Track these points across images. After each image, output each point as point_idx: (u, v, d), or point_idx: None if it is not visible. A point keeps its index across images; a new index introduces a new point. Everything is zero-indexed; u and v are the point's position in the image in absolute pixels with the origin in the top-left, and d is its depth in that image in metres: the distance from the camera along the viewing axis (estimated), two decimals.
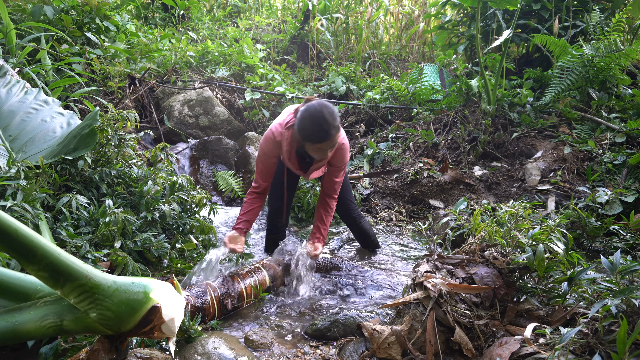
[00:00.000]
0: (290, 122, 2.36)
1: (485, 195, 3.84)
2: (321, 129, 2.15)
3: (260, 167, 2.52)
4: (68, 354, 1.52)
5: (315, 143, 2.20)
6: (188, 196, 2.69)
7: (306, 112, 2.19)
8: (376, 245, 3.15)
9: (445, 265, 1.84)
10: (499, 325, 1.65)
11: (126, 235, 2.27)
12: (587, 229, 2.85)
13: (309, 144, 2.23)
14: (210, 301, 2.04)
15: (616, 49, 4.00)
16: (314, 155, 2.34)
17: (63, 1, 4.39)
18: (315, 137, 2.18)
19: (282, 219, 2.85)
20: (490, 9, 5.21)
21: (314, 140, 2.19)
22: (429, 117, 5.04)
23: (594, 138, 3.95)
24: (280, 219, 2.85)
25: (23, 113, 2.66)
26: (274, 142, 2.40)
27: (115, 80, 4.45)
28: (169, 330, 1.34)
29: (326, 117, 2.14)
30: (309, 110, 2.18)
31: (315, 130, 2.16)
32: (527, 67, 5.04)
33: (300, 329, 2.05)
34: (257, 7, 9.14)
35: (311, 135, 2.18)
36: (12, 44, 3.64)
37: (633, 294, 1.35)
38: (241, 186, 4.46)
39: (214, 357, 1.61)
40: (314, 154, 2.32)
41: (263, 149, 2.45)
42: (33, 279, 1.43)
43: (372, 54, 7.43)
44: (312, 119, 2.16)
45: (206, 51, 6.33)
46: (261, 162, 2.50)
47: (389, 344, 1.64)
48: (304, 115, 2.19)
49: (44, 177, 2.17)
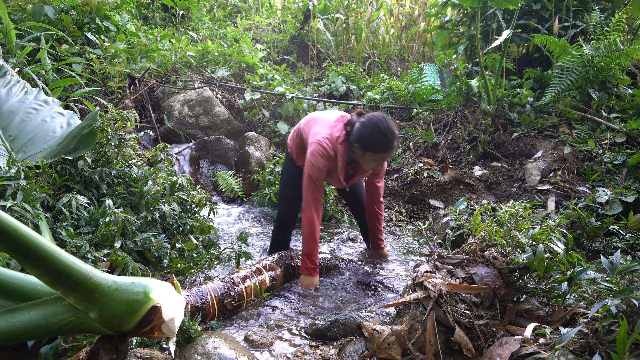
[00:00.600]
0: (341, 136, 2.38)
1: (485, 195, 3.84)
2: (387, 140, 2.23)
3: (315, 186, 2.42)
4: (68, 354, 1.52)
5: (380, 153, 2.28)
6: (188, 196, 2.69)
7: (373, 123, 2.25)
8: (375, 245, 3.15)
9: (445, 265, 1.84)
10: (499, 325, 1.65)
11: (126, 235, 2.27)
12: (587, 229, 2.85)
13: (372, 154, 2.29)
14: (210, 301, 2.04)
15: (616, 49, 4.00)
16: (369, 166, 2.38)
17: (63, 1, 4.39)
18: (381, 148, 2.25)
19: (295, 222, 2.86)
20: (491, 9, 5.20)
21: (379, 150, 2.26)
22: (429, 117, 5.04)
23: (594, 138, 3.95)
24: (293, 222, 2.84)
25: (23, 113, 2.66)
26: (328, 158, 2.38)
27: (115, 80, 4.45)
28: (169, 330, 1.34)
29: (392, 129, 2.25)
30: (375, 122, 2.25)
31: (382, 141, 2.23)
32: (527, 67, 5.04)
33: (300, 329, 2.05)
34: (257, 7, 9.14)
35: (378, 146, 2.25)
36: (12, 43, 3.64)
37: (633, 294, 1.35)
38: (241, 186, 4.46)
39: (214, 357, 1.61)
40: (371, 164, 2.36)
41: (318, 166, 2.37)
42: (33, 279, 1.43)
43: (372, 54, 7.43)
44: (381, 130, 2.23)
45: (206, 51, 6.33)
46: (316, 179, 2.40)
47: (389, 344, 1.64)
48: (370, 127, 2.25)
49: (44, 177, 2.17)
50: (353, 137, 2.34)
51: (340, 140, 2.38)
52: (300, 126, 2.69)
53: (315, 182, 2.41)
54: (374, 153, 2.29)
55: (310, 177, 2.40)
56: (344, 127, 2.42)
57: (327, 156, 2.38)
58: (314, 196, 2.43)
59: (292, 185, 2.74)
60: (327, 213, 3.93)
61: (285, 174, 2.83)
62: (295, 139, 2.74)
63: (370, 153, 2.29)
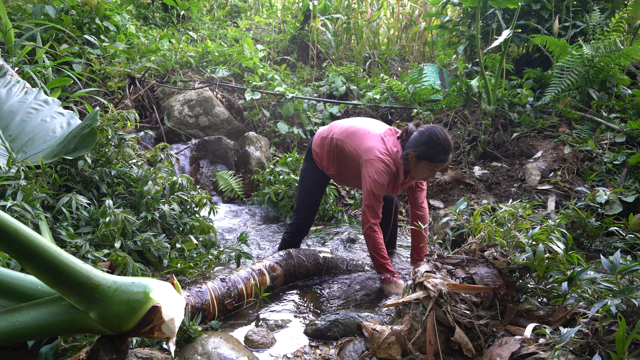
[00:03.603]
0: (399, 150, 2.42)
1: (485, 195, 3.84)
2: (445, 151, 2.30)
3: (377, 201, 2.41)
4: (68, 354, 1.52)
5: (436, 163, 2.32)
6: (188, 196, 2.70)
7: (432, 133, 2.31)
8: (393, 245, 3.15)
9: (445, 265, 1.84)
10: (499, 325, 1.65)
11: (126, 235, 2.27)
12: (587, 229, 2.85)
13: (428, 163, 2.32)
14: (210, 301, 2.04)
15: (616, 49, 4.00)
16: (421, 175, 2.41)
17: (63, 1, 4.39)
18: (438, 158, 2.31)
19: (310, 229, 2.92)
20: (491, 9, 5.20)
21: (435, 160, 2.31)
22: (429, 117, 5.04)
23: (594, 138, 3.95)
24: (309, 228, 2.88)
25: (23, 113, 2.66)
26: (389, 173, 2.41)
27: (115, 80, 4.45)
28: (169, 330, 1.34)
29: (450, 141, 2.31)
30: (435, 132, 2.32)
31: (439, 151, 2.29)
32: (527, 67, 5.04)
33: (300, 329, 2.05)
34: (257, 7, 9.14)
35: (435, 156, 2.30)
36: (11, 43, 3.63)
37: (633, 294, 1.35)
38: (241, 186, 4.46)
39: (214, 357, 1.61)
40: (424, 174, 2.39)
41: (381, 183, 2.38)
42: (33, 279, 1.43)
43: (372, 54, 7.43)
44: (439, 139, 2.29)
45: (206, 51, 6.33)
46: (378, 195, 2.40)
47: (389, 344, 1.64)
48: (429, 136, 2.31)
49: (44, 177, 2.17)
50: (409, 144, 2.36)
51: (399, 154, 2.42)
52: (334, 135, 2.61)
53: (378, 198, 2.41)
54: (429, 162, 2.32)
55: (374, 193, 2.40)
56: (397, 139, 2.46)
57: (390, 172, 2.40)
58: (376, 213, 2.44)
59: (316, 194, 2.77)
60: (327, 213, 3.94)
61: (309, 179, 2.78)
62: (324, 146, 2.66)
63: (425, 162, 2.32)
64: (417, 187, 2.68)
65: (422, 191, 2.71)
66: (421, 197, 2.71)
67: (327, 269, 2.68)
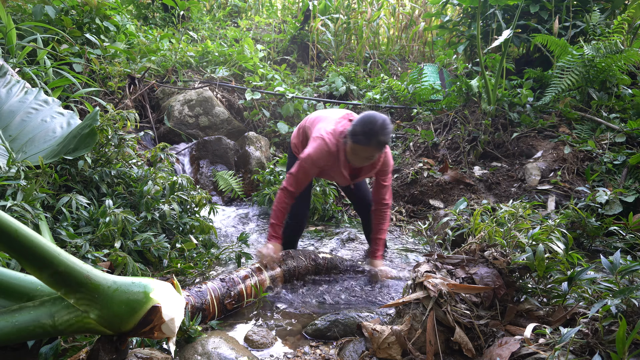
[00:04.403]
0: (345, 131, 2.37)
1: (485, 195, 3.84)
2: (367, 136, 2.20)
3: (302, 175, 2.43)
4: (68, 354, 1.52)
5: (360, 145, 2.23)
6: (188, 196, 2.70)
7: (365, 116, 2.26)
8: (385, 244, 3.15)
9: (445, 265, 1.84)
10: (499, 325, 1.65)
11: (126, 235, 2.27)
12: (587, 229, 2.85)
13: (353, 145, 2.26)
14: (210, 301, 2.04)
15: (617, 50, 4.00)
16: (352, 158, 2.35)
17: (63, 1, 4.39)
18: (362, 140, 2.22)
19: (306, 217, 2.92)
20: (491, 9, 5.21)
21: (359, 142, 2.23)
22: (429, 117, 5.04)
23: (594, 138, 3.95)
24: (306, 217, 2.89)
25: (23, 113, 2.66)
26: (328, 153, 2.38)
27: (115, 80, 4.45)
28: (169, 330, 1.34)
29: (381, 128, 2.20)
30: (368, 115, 2.26)
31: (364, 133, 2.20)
32: (527, 67, 5.04)
33: (300, 329, 2.05)
34: (257, 7, 9.14)
35: (359, 139, 2.22)
36: (12, 43, 3.63)
37: (633, 294, 1.35)
38: (241, 186, 4.46)
39: (214, 357, 1.61)
40: (353, 158, 2.34)
41: (313, 158, 2.38)
42: (33, 279, 1.43)
43: (372, 54, 7.43)
44: (368, 122, 2.21)
45: (206, 51, 6.33)
46: (306, 170, 2.42)
47: (389, 344, 1.64)
48: (361, 119, 2.26)
49: (44, 177, 2.17)
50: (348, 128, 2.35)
51: (343, 135, 2.38)
52: (305, 124, 2.70)
53: (305, 172, 2.42)
54: (353, 144, 2.25)
55: (303, 167, 2.41)
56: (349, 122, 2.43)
57: (328, 152, 2.38)
58: (297, 184, 2.44)
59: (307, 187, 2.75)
60: (327, 213, 3.93)
61: None
62: (299, 136, 2.75)
63: (351, 143, 2.27)
64: (380, 183, 2.63)
65: (384, 188, 2.64)
66: (382, 193, 2.64)
67: (326, 269, 2.68)
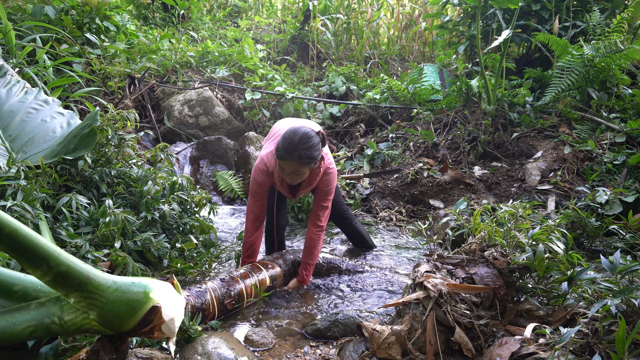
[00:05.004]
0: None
1: (485, 195, 3.84)
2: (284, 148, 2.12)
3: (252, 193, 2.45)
4: (68, 354, 1.52)
5: (279, 159, 2.17)
6: (188, 196, 2.70)
7: (286, 132, 2.17)
8: (370, 245, 3.16)
9: (445, 265, 1.84)
10: (499, 325, 1.65)
11: (126, 235, 2.27)
12: (587, 229, 2.85)
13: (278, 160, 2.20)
14: (210, 301, 2.04)
15: (616, 49, 4.00)
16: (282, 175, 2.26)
17: (63, 1, 4.39)
18: (278, 153, 2.15)
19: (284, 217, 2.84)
20: (491, 9, 5.21)
21: (278, 155, 2.16)
22: (429, 117, 5.04)
23: (594, 138, 3.95)
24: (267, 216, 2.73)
25: (23, 113, 2.66)
26: (265, 172, 2.37)
27: (115, 80, 4.45)
28: (169, 330, 1.34)
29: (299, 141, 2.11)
30: (290, 130, 2.17)
31: (281, 147, 2.14)
32: (527, 67, 5.04)
33: (300, 329, 2.05)
34: (257, 7, 9.14)
35: (278, 151, 2.16)
36: (11, 44, 3.63)
37: (633, 294, 1.35)
38: (241, 186, 4.46)
39: (214, 357, 1.61)
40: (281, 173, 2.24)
41: (255, 178, 2.41)
42: (33, 279, 1.43)
43: (372, 54, 7.43)
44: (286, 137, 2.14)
45: (206, 51, 6.34)
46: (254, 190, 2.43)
47: (389, 344, 1.64)
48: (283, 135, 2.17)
49: (44, 177, 2.17)
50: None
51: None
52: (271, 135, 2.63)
53: (253, 194, 2.44)
54: (278, 160, 2.19)
55: (251, 186, 2.44)
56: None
57: (265, 171, 2.37)
58: (254, 199, 2.44)
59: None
60: None
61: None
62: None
63: (277, 160, 2.20)
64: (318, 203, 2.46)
65: (321, 209, 2.44)
66: (319, 215, 2.44)
67: (326, 269, 2.68)
